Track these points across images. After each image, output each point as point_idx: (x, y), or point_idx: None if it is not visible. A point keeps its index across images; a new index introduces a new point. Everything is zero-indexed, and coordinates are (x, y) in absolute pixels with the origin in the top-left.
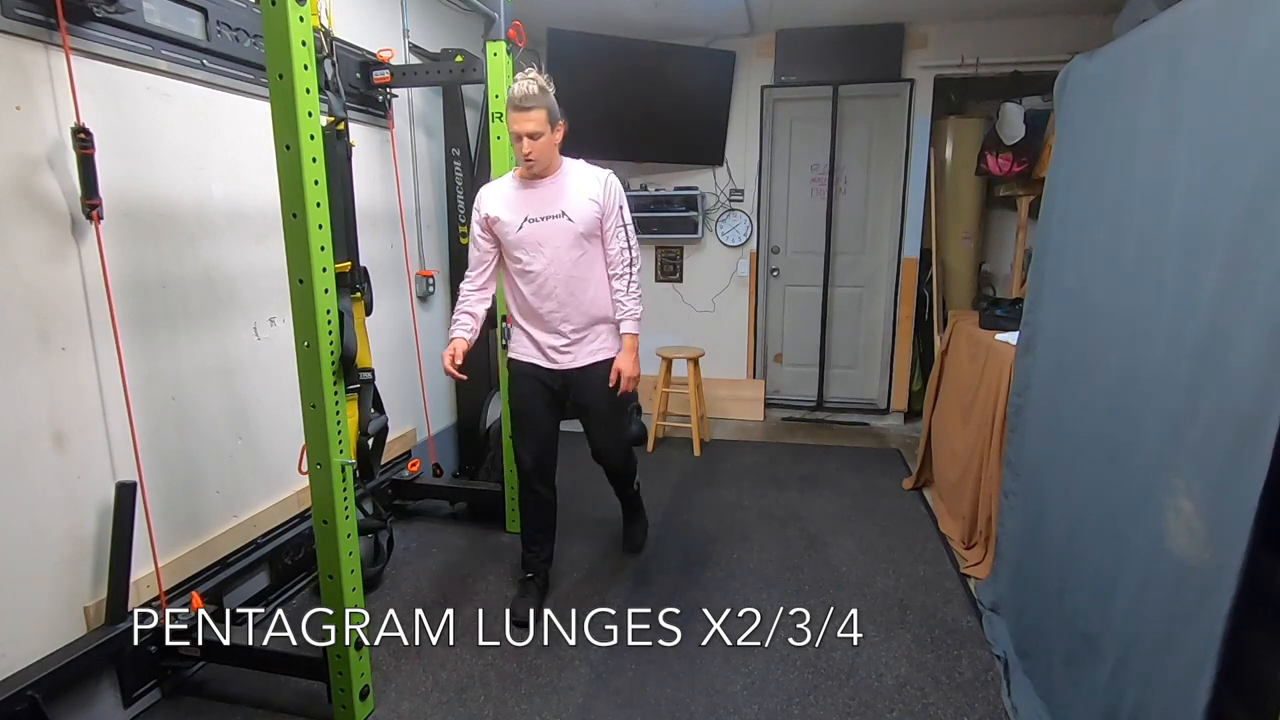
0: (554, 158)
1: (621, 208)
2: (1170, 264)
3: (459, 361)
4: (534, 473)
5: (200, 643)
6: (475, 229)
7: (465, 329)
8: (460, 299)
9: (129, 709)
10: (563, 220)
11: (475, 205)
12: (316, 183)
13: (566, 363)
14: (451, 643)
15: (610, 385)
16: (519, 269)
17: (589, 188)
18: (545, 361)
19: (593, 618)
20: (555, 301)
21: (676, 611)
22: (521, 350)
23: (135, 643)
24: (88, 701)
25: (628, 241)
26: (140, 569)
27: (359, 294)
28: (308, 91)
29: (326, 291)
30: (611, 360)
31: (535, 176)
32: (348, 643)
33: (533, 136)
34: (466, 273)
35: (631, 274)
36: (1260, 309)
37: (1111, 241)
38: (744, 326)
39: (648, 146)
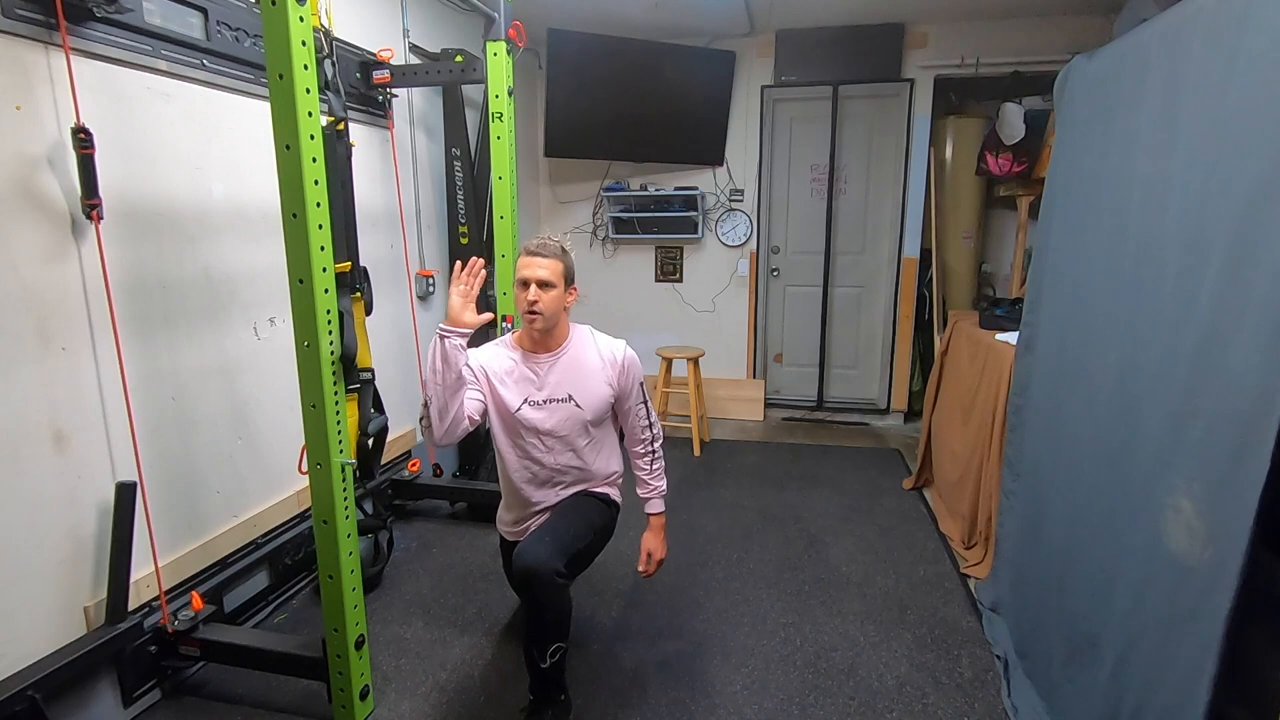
0: (561, 322)
1: (640, 385)
2: (1170, 264)
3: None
4: None
5: (200, 643)
6: (467, 372)
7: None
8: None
9: (129, 709)
10: (570, 405)
11: (470, 360)
12: (316, 183)
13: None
14: (451, 643)
15: (640, 568)
16: (512, 451)
17: (602, 370)
18: (521, 533)
19: (593, 618)
20: (549, 489)
21: (677, 611)
22: (505, 531)
23: (135, 642)
24: (88, 701)
25: (649, 419)
26: (140, 569)
27: (359, 294)
28: (308, 91)
29: (326, 291)
30: (593, 494)
31: (539, 344)
32: (348, 642)
33: (542, 285)
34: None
35: (654, 451)
36: (1259, 309)
37: (1111, 241)
38: (744, 326)
39: (648, 146)
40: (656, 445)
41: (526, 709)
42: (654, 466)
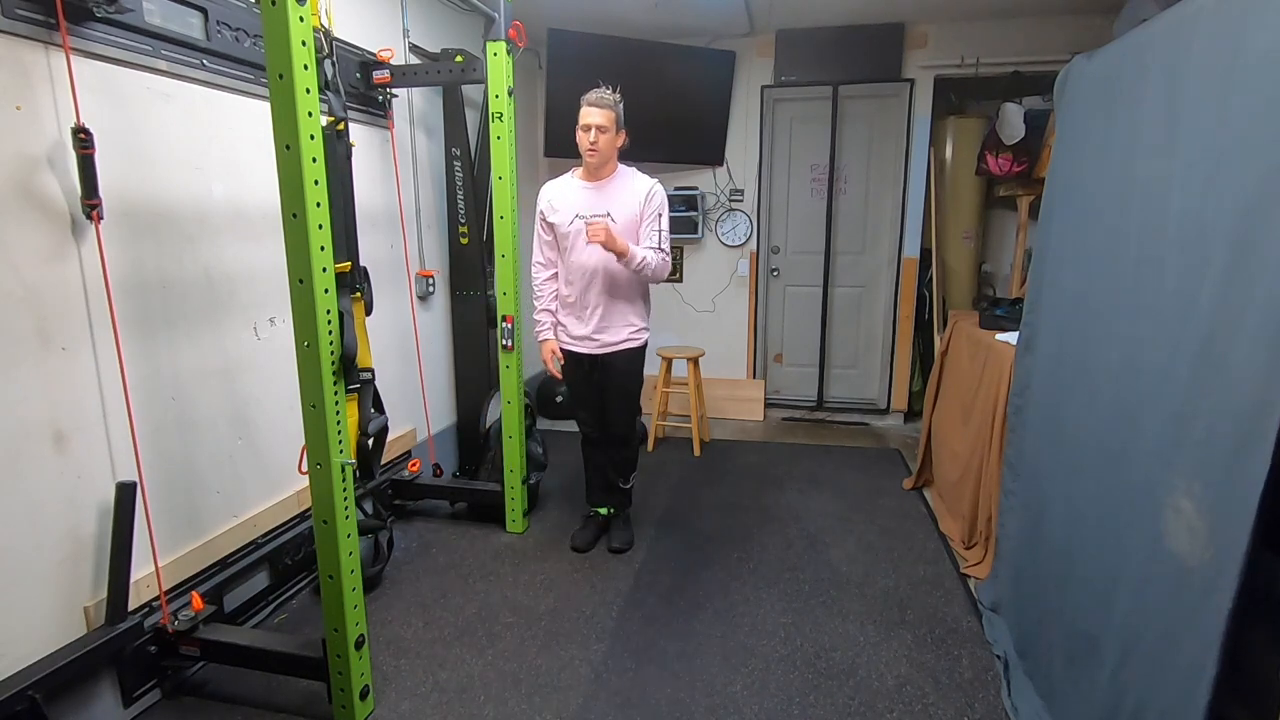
0: (612, 158)
1: (660, 215)
2: (1170, 264)
3: (561, 360)
4: (592, 434)
5: (200, 643)
6: (537, 224)
7: (551, 330)
8: (535, 295)
9: (129, 709)
10: (606, 220)
11: (538, 200)
12: (316, 183)
13: (595, 348)
14: (451, 643)
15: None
16: (567, 260)
17: (635, 194)
18: (580, 346)
19: (593, 618)
20: (591, 291)
21: (677, 611)
22: (565, 338)
23: (135, 642)
24: (88, 701)
25: (659, 241)
26: (140, 569)
27: (359, 294)
28: (308, 91)
29: (326, 291)
30: (632, 350)
31: (593, 175)
32: (348, 642)
33: (601, 129)
34: (534, 265)
35: (657, 251)
36: (1260, 308)
37: (1111, 241)
38: (744, 326)
39: (648, 146)
40: (659, 253)
41: (611, 515)
42: (655, 253)
